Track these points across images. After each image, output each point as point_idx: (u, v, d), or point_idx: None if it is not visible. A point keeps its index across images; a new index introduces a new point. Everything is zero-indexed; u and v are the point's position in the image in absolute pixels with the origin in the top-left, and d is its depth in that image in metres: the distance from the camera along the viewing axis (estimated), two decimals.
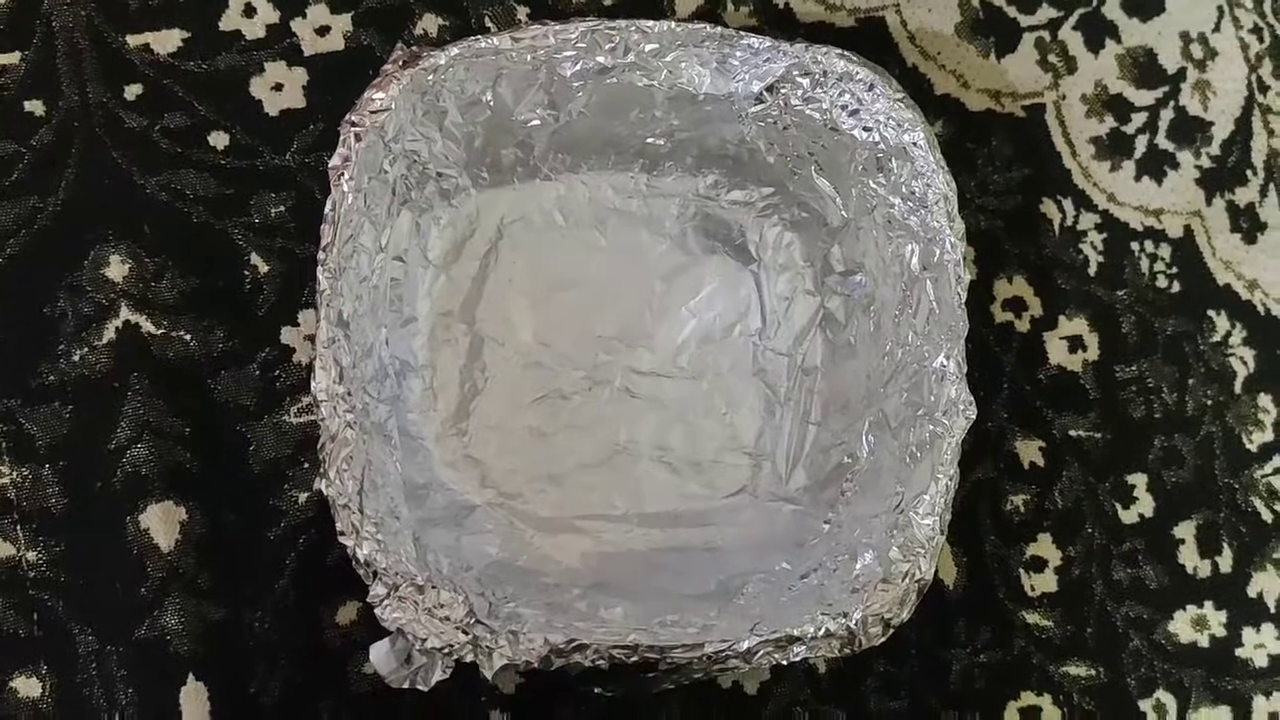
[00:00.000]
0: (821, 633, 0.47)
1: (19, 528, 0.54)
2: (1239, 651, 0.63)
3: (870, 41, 0.66)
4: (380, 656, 0.46)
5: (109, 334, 0.56)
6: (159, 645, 0.54)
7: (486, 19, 0.62)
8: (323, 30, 0.61)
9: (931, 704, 0.59)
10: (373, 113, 0.50)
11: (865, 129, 0.55)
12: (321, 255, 0.48)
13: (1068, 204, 0.66)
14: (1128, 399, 0.65)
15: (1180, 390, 0.65)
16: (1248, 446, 0.65)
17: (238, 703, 0.54)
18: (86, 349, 0.56)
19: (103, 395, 0.56)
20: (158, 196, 0.58)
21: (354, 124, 0.49)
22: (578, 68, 0.54)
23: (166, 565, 0.54)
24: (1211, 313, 0.67)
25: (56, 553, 0.54)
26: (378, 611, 0.44)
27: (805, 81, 0.55)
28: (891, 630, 0.48)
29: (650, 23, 0.53)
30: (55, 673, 0.53)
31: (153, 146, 0.58)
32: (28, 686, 0.53)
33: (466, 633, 0.44)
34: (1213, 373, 0.66)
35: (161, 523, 0.55)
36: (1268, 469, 0.65)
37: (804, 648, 0.47)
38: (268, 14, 0.61)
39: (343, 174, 0.48)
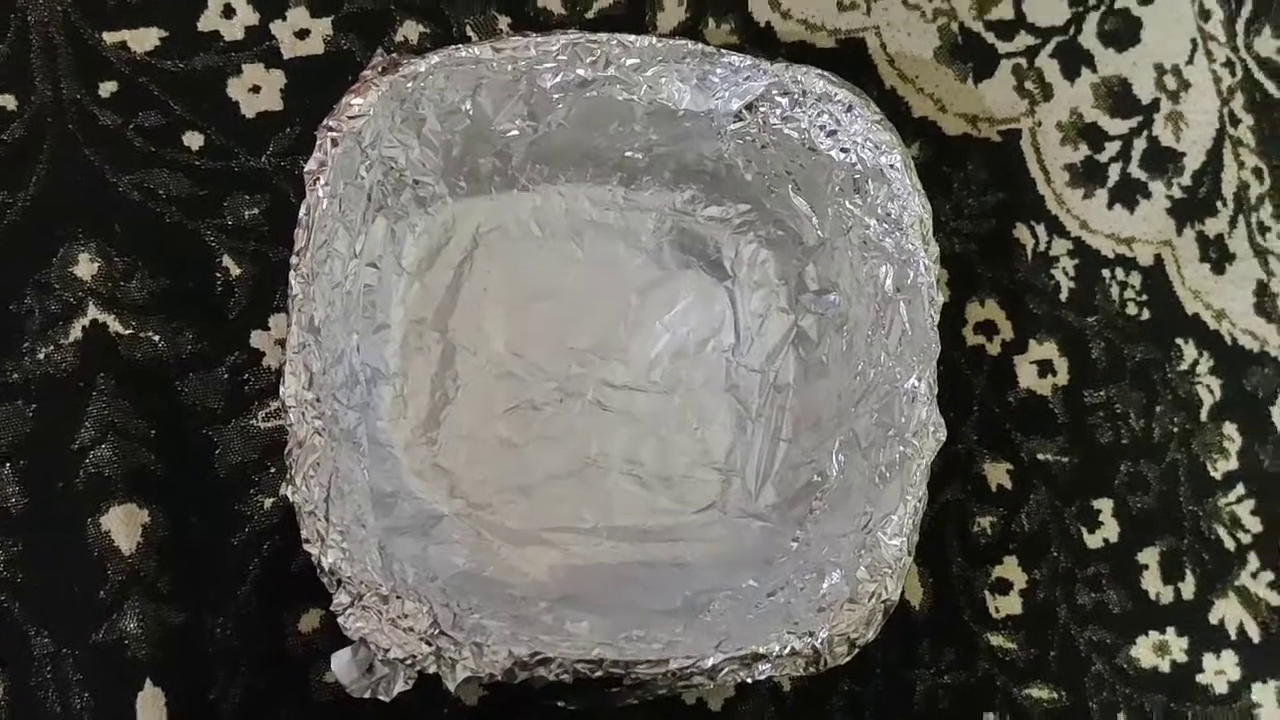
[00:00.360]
0: (787, 651, 0.47)
1: None
2: (1199, 678, 0.63)
3: (850, 63, 0.66)
4: (342, 665, 0.45)
5: (75, 333, 0.56)
6: (117, 649, 0.53)
7: (468, 28, 0.62)
8: (302, 34, 0.61)
9: None
10: (350, 118, 0.49)
11: (843, 150, 0.55)
12: (295, 260, 0.47)
13: (1041, 230, 0.67)
14: (1095, 424, 0.65)
15: (1147, 417, 0.66)
16: (1212, 474, 0.66)
17: (197, 709, 0.53)
18: (52, 347, 0.55)
19: (67, 394, 0.55)
20: (130, 195, 0.57)
21: (331, 129, 0.49)
22: (558, 79, 0.54)
23: (127, 568, 0.54)
24: (1180, 340, 0.67)
25: (14, 553, 0.53)
26: (341, 620, 0.44)
27: (784, 101, 0.55)
28: (857, 650, 0.48)
29: (632, 37, 0.53)
30: (9, 675, 0.52)
31: (126, 145, 0.58)
32: None
33: (430, 644, 0.44)
34: (1179, 400, 0.66)
35: (123, 525, 0.54)
36: (1231, 497, 0.66)
37: (769, 666, 0.47)
38: (247, 15, 0.60)
39: (318, 179, 0.48)
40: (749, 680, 0.47)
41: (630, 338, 0.60)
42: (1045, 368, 0.65)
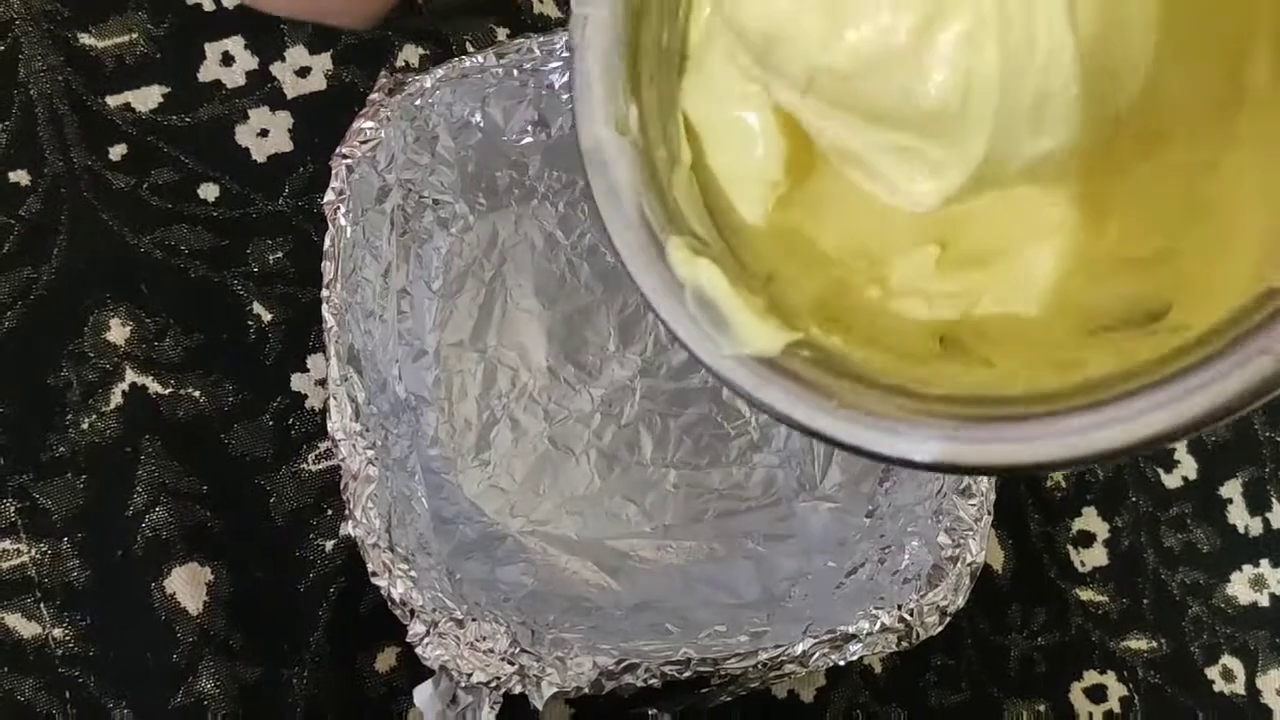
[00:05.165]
0: (877, 628, 0.45)
1: (42, 605, 0.53)
2: None
3: None
4: (425, 699, 0.45)
5: (116, 399, 0.55)
6: (197, 712, 0.52)
7: (468, 44, 0.62)
8: (303, 71, 0.60)
9: (993, 693, 0.57)
10: (363, 143, 0.49)
11: None
12: (325, 292, 0.46)
13: None
14: None
15: None
16: None
17: None
18: (95, 416, 0.55)
19: (115, 462, 0.55)
20: (152, 255, 0.57)
21: (345, 156, 0.48)
22: (566, 78, 0.53)
23: (197, 628, 0.53)
24: None
25: (83, 627, 0.53)
26: (418, 650, 0.43)
27: None
28: (948, 619, 0.46)
29: None
30: None
31: (143, 205, 0.58)
32: None
33: (512, 663, 0.43)
34: None
35: (188, 585, 0.53)
36: None
37: (860, 645, 0.45)
38: (246, 61, 0.60)
39: (338, 208, 0.47)
40: (841, 663, 0.45)
41: (669, 339, 0.59)
42: None
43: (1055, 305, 0.34)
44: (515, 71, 0.52)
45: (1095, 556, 0.60)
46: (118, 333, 0.56)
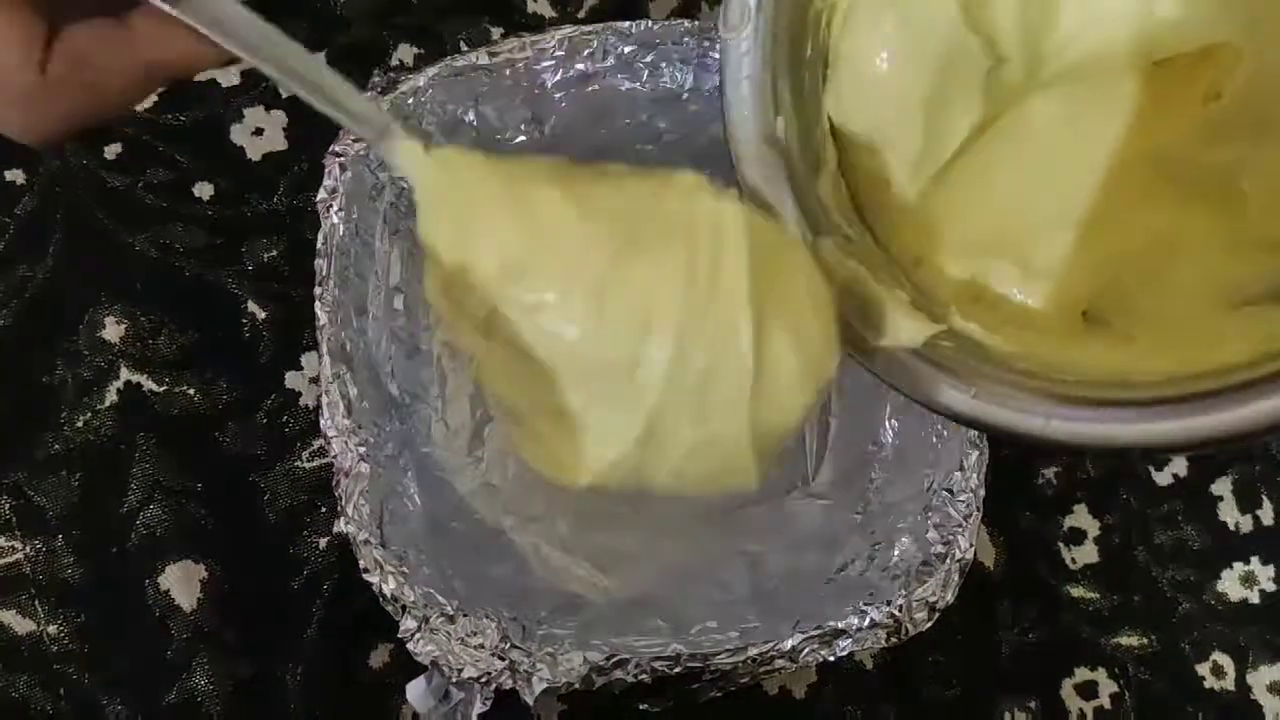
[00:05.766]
0: (867, 623, 0.45)
1: (37, 602, 0.53)
2: None
3: None
4: (417, 695, 0.45)
5: (111, 396, 0.55)
6: (190, 709, 0.52)
7: (461, 43, 0.62)
8: None
9: (985, 690, 0.57)
10: (356, 141, 0.49)
11: None
12: (318, 290, 0.47)
13: None
14: None
15: None
16: None
17: None
18: (90, 414, 0.55)
19: (110, 459, 0.55)
20: (147, 253, 0.57)
21: (338, 154, 0.48)
22: (558, 77, 0.53)
23: (191, 625, 0.53)
24: None
25: (78, 624, 0.53)
26: (410, 646, 0.43)
27: None
28: (937, 614, 0.47)
29: (626, 24, 0.52)
30: None
31: (138, 203, 0.58)
32: None
33: (503, 659, 0.43)
34: None
35: (182, 583, 0.54)
36: None
37: (850, 641, 0.45)
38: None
39: (331, 205, 0.48)
40: (831, 658, 0.45)
41: None
42: None
43: (1200, 280, 0.35)
44: (507, 71, 0.52)
45: (1086, 553, 0.60)
46: (112, 331, 0.56)
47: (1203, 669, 0.59)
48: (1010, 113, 0.38)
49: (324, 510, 0.55)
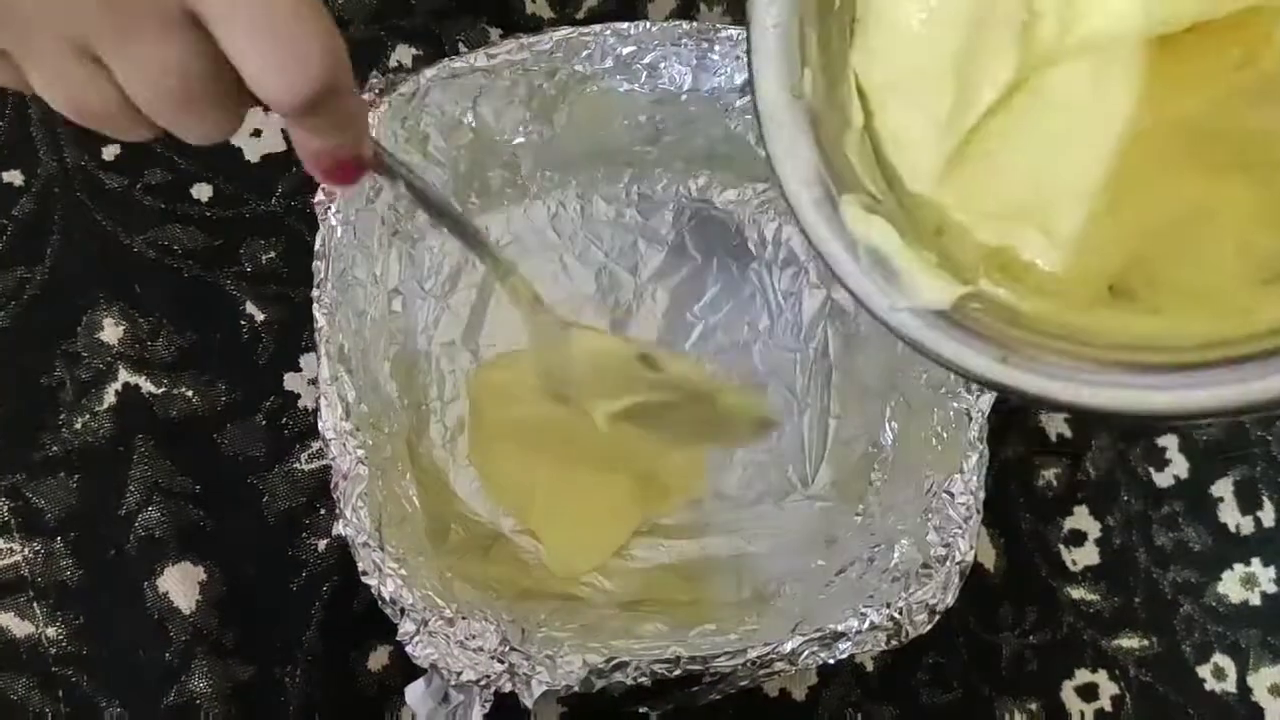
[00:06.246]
0: (866, 626, 0.45)
1: (35, 604, 0.53)
2: None
3: None
4: (417, 698, 0.45)
5: (109, 398, 0.55)
6: (189, 711, 0.52)
7: (460, 44, 0.62)
8: None
9: (985, 692, 0.57)
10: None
11: None
12: (316, 292, 0.47)
13: None
14: None
15: None
16: None
17: None
18: (88, 416, 0.55)
19: (109, 461, 0.55)
20: (146, 255, 0.57)
21: None
22: (556, 78, 0.53)
23: (189, 627, 0.53)
24: None
25: (76, 626, 0.53)
26: (409, 649, 0.43)
27: None
28: (937, 617, 0.46)
29: (625, 25, 0.52)
30: None
31: (136, 205, 0.58)
32: None
33: (502, 661, 0.43)
34: None
35: (180, 585, 0.54)
36: None
37: (849, 643, 0.45)
38: None
39: (329, 207, 0.47)
40: (831, 661, 0.45)
41: (663, 334, 0.59)
42: None
43: (1233, 253, 0.35)
44: (506, 72, 0.52)
45: (1087, 555, 0.60)
46: (111, 332, 0.56)
47: (1203, 671, 0.59)
48: (1037, 78, 0.38)
49: (322, 512, 0.55)
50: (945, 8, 0.38)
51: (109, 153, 0.58)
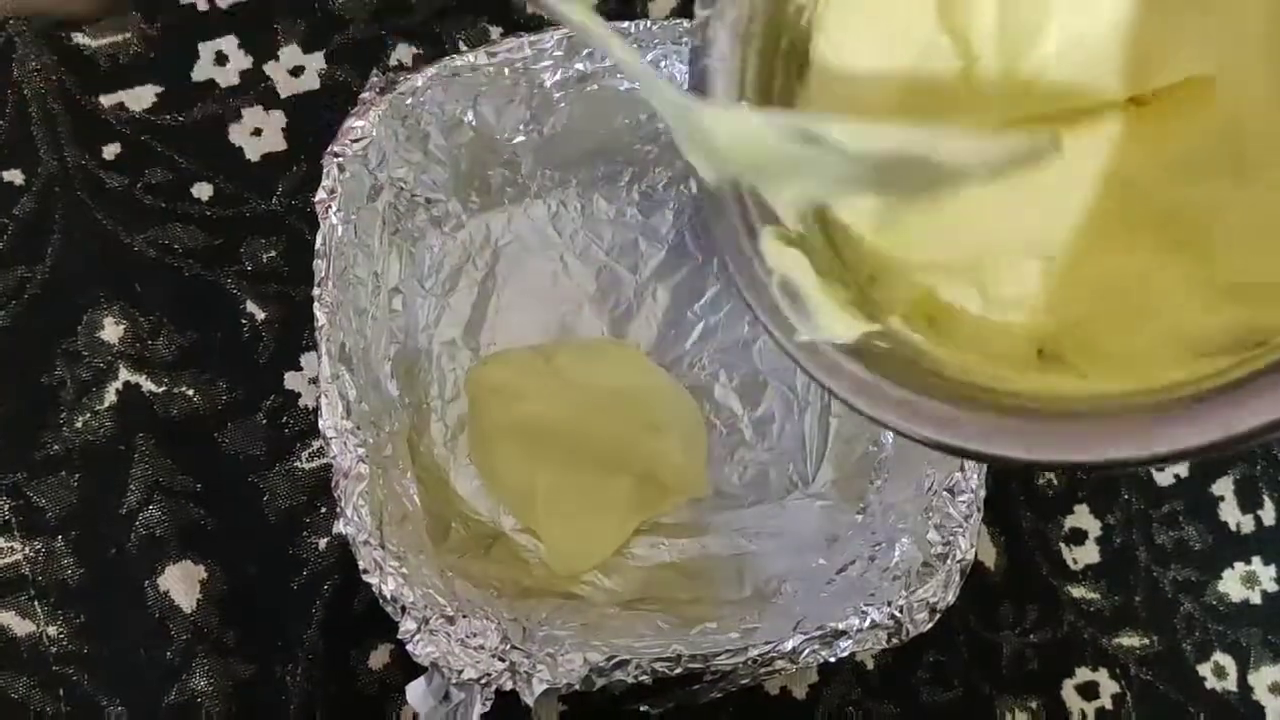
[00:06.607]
0: (867, 624, 0.45)
1: (36, 603, 0.53)
2: None
3: None
4: (417, 696, 0.45)
5: (110, 397, 0.55)
6: (191, 709, 0.52)
7: (460, 43, 0.62)
8: (296, 71, 0.60)
9: (985, 690, 0.57)
10: (354, 141, 0.49)
11: None
12: (316, 291, 0.46)
13: None
14: None
15: None
16: None
17: None
18: (89, 415, 0.55)
19: (109, 460, 0.55)
20: (146, 254, 0.57)
21: (336, 154, 0.48)
22: (557, 77, 0.53)
23: (191, 626, 0.53)
24: None
25: (77, 625, 0.53)
26: (410, 647, 0.43)
27: None
28: (938, 615, 0.46)
29: (625, 23, 0.52)
30: None
31: (136, 204, 0.58)
32: None
33: (503, 660, 0.43)
34: None
35: (181, 583, 0.54)
36: None
37: (850, 641, 0.45)
38: (240, 60, 0.60)
39: (329, 206, 0.47)
40: (832, 659, 0.45)
41: (663, 333, 0.59)
42: None
43: (1170, 329, 0.35)
44: (507, 70, 0.52)
45: (1087, 554, 0.60)
46: (111, 331, 0.56)
47: (1204, 669, 0.59)
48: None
49: (323, 511, 0.55)
50: (886, 55, 0.38)
51: (109, 152, 0.58)
